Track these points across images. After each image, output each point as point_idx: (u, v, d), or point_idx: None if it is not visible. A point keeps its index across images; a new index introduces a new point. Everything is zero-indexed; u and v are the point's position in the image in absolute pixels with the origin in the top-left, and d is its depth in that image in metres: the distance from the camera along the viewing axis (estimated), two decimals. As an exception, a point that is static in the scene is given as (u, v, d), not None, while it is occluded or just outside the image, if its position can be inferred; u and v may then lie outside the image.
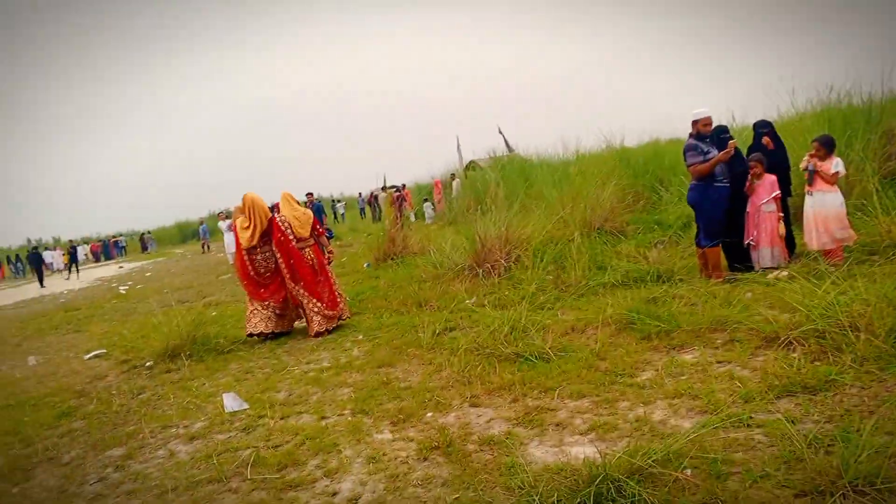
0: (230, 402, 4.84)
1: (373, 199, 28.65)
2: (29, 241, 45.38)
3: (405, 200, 21.21)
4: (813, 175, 6.54)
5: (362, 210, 33.62)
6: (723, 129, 6.91)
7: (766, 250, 6.85)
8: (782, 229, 6.83)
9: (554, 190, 12.26)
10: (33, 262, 25.36)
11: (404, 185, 25.18)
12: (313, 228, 7.48)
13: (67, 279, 25.33)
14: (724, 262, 6.99)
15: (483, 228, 9.17)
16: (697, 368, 4.25)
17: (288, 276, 7.15)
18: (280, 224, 7.18)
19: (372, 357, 5.71)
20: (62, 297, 17.94)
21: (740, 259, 6.99)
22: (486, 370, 4.77)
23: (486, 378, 4.62)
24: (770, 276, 6.26)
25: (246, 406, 4.80)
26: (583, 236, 9.45)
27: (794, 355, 4.11)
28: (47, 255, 31.18)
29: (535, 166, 17.37)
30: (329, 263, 7.73)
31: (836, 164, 6.46)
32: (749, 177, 6.90)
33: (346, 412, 4.41)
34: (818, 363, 3.94)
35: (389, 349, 5.87)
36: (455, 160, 23.38)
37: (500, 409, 4.09)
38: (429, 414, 4.15)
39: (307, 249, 7.34)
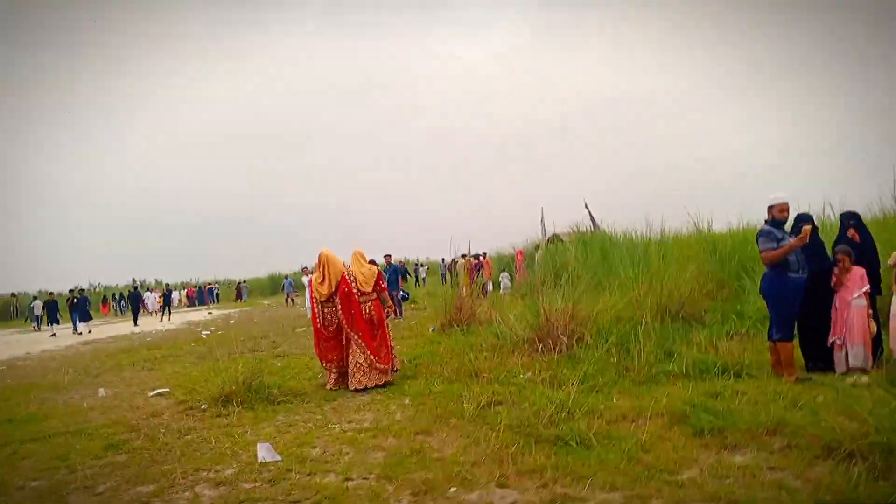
0: (264, 452, 4.87)
1: (452, 266, 28.88)
2: (134, 280, 48.50)
3: (482, 268, 21.25)
4: (898, 275, 6.07)
5: (443, 276, 33.91)
6: (804, 218, 6.56)
7: (856, 349, 6.33)
8: (874, 327, 6.33)
9: (630, 270, 11.95)
10: (132, 301, 27.04)
11: (485, 254, 25.29)
12: (376, 284, 7.91)
13: (161, 321, 26.75)
14: (799, 359, 6.53)
15: (549, 303, 9.03)
16: (745, 472, 3.91)
17: (347, 324, 7.57)
18: (347, 277, 7.70)
19: (412, 423, 5.64)
20: (149, 336, 18.93)
21: (820, 358, 6.50)
22: (522, 450, 4.59)
23: (520, 458, 4.44)
24: (848, 380, 5.76)
25: (278, 458, 4.81)
26: (654, 320, 9.11)
27: (856, 469, 3.73)
28: (146, 296, 33.14)
29: (617, 244, 17.06)
30: (387, 318, 8.12)
31: (928, 264, 5.98)
32: (836, 270, 6.48)
33: (371, 476, 4.34)
34: (881, 482, 3.55)
35: (431, 417, 5.78)
36: (539, 232, 23.40)
37: (527, 492, 3.90)
38: (452, 489, 4.01)
39: (368, 303, 7.77)
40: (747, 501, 3.44)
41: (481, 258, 22.98)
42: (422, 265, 38.78)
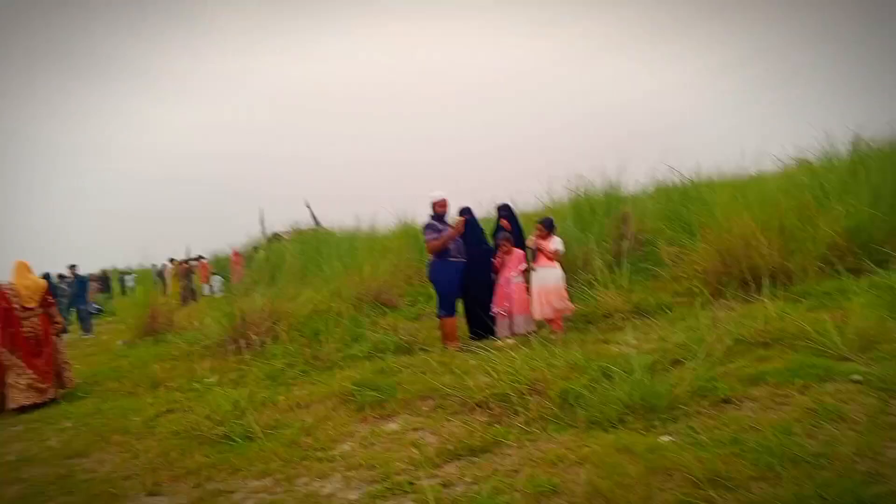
0: None
1: (163, 272, 26.80)
2: None
3: (193, 273, 20.10)
4: (536, 253, 7.13)
5: (155, 283, 31.21)
6: (462, 211, 7.37)
7: (518, 318, 7.24)
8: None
9: (337, 263, 12.26)
10: None
11: (200, 257, 23.91)
12: (43, 299, 7.33)
13: None
14: (465, 331, 7.31)
15: (247, 302, 8.90)
16: (393, 437, 4.28)
17: (3, 343, 6.92)
18: (7, 292, 7.06)
19: (67, 447, 5.09)
20: None
21: (483, 328, 7.32)
22: (183, 454, 4.44)
23: (179, 463, 4.29)
24: (498, 344, 6.60)
25: None
26: (352, 309, 9.50)
27: (481, 419, 4.31)
28: None
29: (330, 240, 17.38)
30: (56, 335, 7.50)
31: (554, 243, 7.11)
32: (499, 253, 7.36)
33: (-3, 513, 3.83)
34: (497, 426, 4.14)
35: (92, 437, 5.28)
36: (260, 232, 22.81)
37: (179, 495, 3.79)
38: (94, 507, 3.72)
39: (34, 319, 7.17)
40: (383, 462, 3.76)
41: (192, 262, 21.67)
42: (129, 273, 35.13)
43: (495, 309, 7.35)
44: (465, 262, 7.04)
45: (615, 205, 11.02)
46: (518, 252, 7.43)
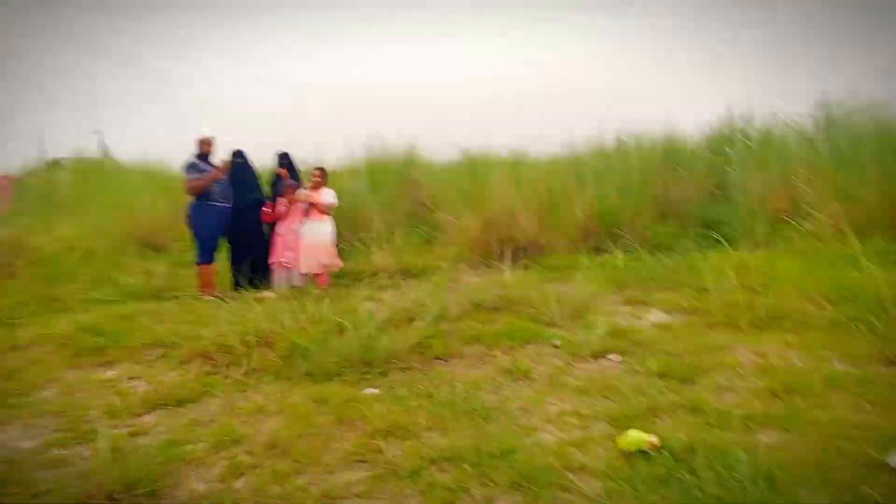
0: None
1: None
2: None
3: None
4: (308, 206, 7.06)
5: None
6: (233, 153, 7.05)
7: (296, 271, 7.09)
8: None
9: (106, 198, 11.26)
10: None
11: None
12: None
13: None
14: (229, 280, 7.07)
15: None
16: (103, 385, 4.08)
17: None
18: None
19: None
20: None
21: (247, 279, 7.08)
22: None
23: None
24: (255, 295, 6.48)
25: None
26: (118, 250, 8.85)
27: (202, 369, 4.24)
28: None
29: (112, 174, 15.91)
30: None
31: (327, 195, 7.10)
32: (284, 201, 7.14)
33: None
34: (216, 375, 4.10)
35: None
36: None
37: None
38: None
39: None
40: (78, 409, 3.58)
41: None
42: None
43: (277, 258, 7.13)
44: (229, 207, 6.77)
45: (409, 169, 11.24)
46: (302, 203, 7.29)
